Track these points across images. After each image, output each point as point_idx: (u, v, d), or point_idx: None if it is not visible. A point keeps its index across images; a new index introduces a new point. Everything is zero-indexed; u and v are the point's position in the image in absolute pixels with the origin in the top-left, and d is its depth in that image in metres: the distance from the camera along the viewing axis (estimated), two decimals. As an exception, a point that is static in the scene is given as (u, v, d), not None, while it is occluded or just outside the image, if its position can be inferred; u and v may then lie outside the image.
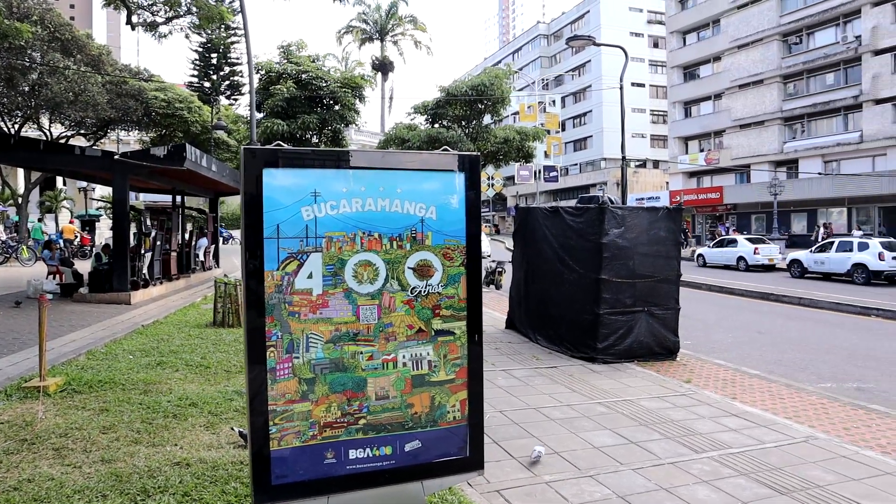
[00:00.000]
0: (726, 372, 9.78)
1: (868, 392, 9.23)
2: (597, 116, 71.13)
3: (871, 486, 5.46)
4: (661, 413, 7.40)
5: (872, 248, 23.60)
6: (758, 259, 28.73)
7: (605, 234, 9.71)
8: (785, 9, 45.29)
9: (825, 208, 42.47)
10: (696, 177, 53.74)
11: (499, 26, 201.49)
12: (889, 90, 38.83)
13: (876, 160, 39.98)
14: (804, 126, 44.71)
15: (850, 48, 40.71)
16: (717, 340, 13.05)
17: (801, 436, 6.74)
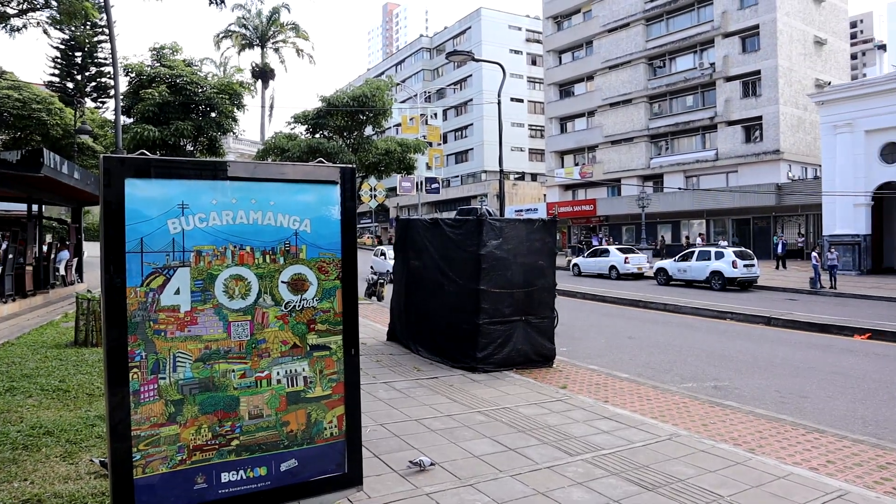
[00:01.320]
0: (599, 376, 10.24)
1: (723, 390, 9.97)
2: (477, 129, 72.84)
3: (724, 476, 5.90)
4: (539, 419, 7.63)
5: (727, 257, 25.61)
6: (628, 268, 30.37)
7: (483, 245, 9.91)
8: (650, 35, 48.48)
9: (687, 220, 45.72)
10: (571, 189, 56.24)
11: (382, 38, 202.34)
12: (739, 113, 42.50)
13: (729, 176, 43.53)
14: (668, 143, 47.95)
15: (705, 74, 44.17)
16: (590, 346, 13.65)
17: (666, 434, 7.17)
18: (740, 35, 42.78)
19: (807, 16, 43.46)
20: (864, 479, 5.98)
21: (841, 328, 15.97)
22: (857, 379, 10.86)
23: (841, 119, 30.84)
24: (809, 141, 42.18)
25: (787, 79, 41.30)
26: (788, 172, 40.92)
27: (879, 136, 29.99)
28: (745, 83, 42.71)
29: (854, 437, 7.36)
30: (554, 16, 57.47)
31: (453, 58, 18.16)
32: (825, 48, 44.93)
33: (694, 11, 45.70)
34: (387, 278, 20.80)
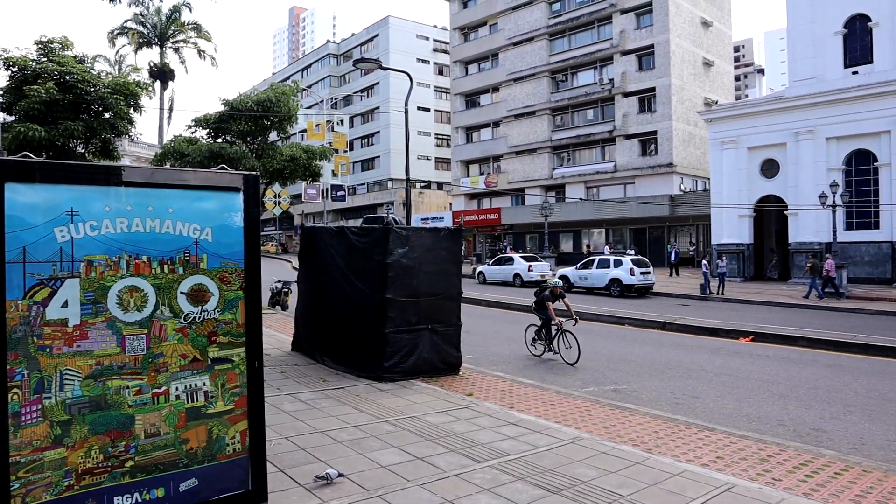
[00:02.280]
0: (505, 383, 10.40)
1: (623, 393, 10.38)
2: (384, 137, 72.74)
3: (625, 476, 6.15)
4: (446, 427, 7.66)
5: (625, 264, 26.69)
6: (532, 275, 31.06)
7: (389, 253, 9.88)
8: (553, 49, 50.07)
9: (588, 229, 47.37)
10: (477, 198, 57.11)
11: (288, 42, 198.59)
12: (636, 127, 44.55)
13: (627, 187, 45.51)
14: (570, 155, 49.59)
15: (605, 89, 46.04)
16: (496, 353, 13.86)
17: (569, 437, 7.37)
18: (637, 53, 44.94)
19: (696, 39, 46.16)
20: (748, 472, 6.40)
21: (728, 331, 16.97)
22: (743, 379, 11.57)
23: (727, 136, 32.90)
24: (699, 155, 44.76)
25: (679, 96, 43.68)
26: (681, 185, 43.24)
27: (760, 152, 32.20)
28: (641, 99, 44.84)
29: (740, 434, 7.84)
30: (461, 27, 58.37)
31: (361, 65, 18.09)
32: (712, 69, 47.87)
33: (594, 29, 47.58)
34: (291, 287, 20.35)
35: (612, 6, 45.73)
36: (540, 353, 13.14)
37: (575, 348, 12.38)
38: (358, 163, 76.05)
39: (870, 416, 9.24)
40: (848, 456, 7.23)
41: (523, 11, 51.66)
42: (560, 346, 12.68)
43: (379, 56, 67.07)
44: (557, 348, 12.71)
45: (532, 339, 13.38)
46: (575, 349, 12.37)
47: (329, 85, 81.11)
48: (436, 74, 74.75)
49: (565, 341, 12.61)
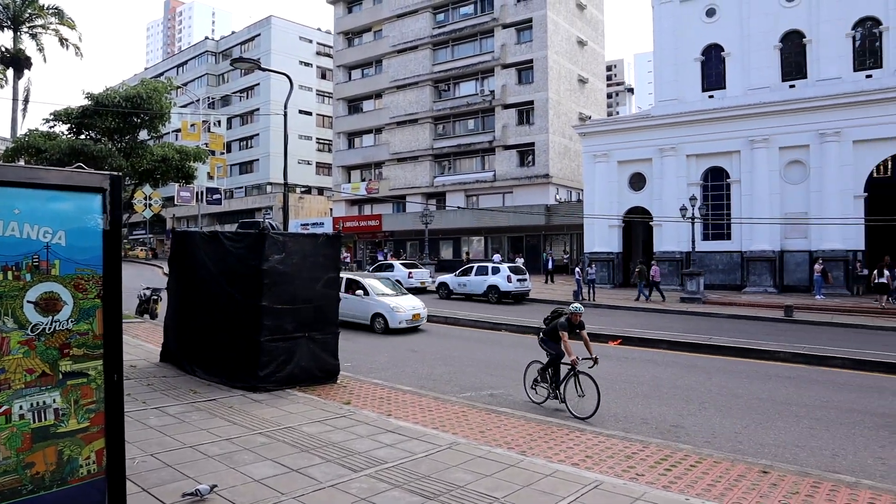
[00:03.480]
0: (383, 390, 10.36)
1: (499, 397, 10.63)
2: (264, 140, 70.73)
3: (499, 478, 6.29)
4: (322, 437, 7.52)
5: (503, 272, 27.41)
6: (412, 282, 31.16)
7: (265, 260, 9.59)
8: (437, 59, 50.76)
9: (468, 237, 48.26)
10: (358, 205, 56.74)
11: (164, 36, 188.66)
12: (514, 139, 46.01)
13: (505, 196, 46.84)
14: (451, 163, 50.39)
15: (486, 100, 47.22)
16: (375, 361, 13.79)
17: (446, 443, 7.44)
18: (517, 67, 46.45)
19: (572, 56, 48.37)
20: (614, 469, 6.75)
21: (598, 335, 17.78)
22: (611, 381, 12.15)
23: (599, 150, 34.66)
24: (574, 167, 46.84)
25: (556, 110, 45.53)
26: (556, 195, 45.03)
27: (629, 166, 34.17)
28: (520, 111, 46.35)
29: (608, 433, 8.25)
30: (345, 32, 57.89)
31: (239, 64, 17.47)
32: (587, 86, 50.33)
33: (477, 41, 48.70)
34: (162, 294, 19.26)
35: (494, 20, 47.01)
36: (542, 399, 10.11)
37: (592, 397, 9.35)
38: (236, 165, 73.49)
39: (721, 411, 10.00)
40: (702, 449, 7.80)
41: (408, 20, 52.04)
42: (570, 392, 9.60)
43: (260, 56, 65.24)
44: (564, 395, 9.66)
45: (533, 381, 10.26)
46: (592, 398, 9.34)
47: (206, 84, 77.88)
48: (319, 78, 73.64)
49: (578, 387, 9.49)
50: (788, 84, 30.53)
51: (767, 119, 30.06)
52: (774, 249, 30.05)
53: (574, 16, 49.04)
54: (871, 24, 29.10)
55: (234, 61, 16.08)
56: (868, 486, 6.48)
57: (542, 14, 45.08)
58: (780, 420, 9.57)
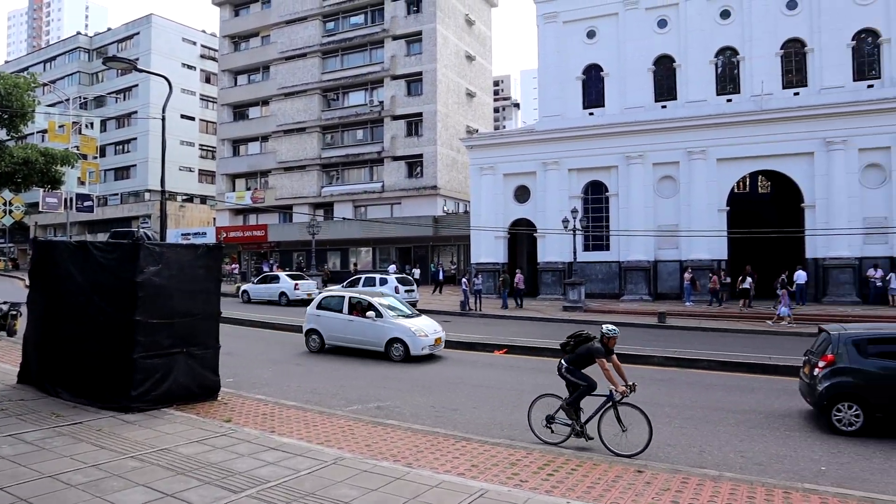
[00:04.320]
0: (266, 406, 10.04)
1: (386, 409, 10.57)
2: (142, 145, 67.08)
3: (386, 492, 6.24)
4: (201, 457, 7.17)
5: (390, 283, 27.41)
6: (298, 294, 30.56)
7: (140, 271, 9.05)
8: (326, 67, 50.22)
9: (356, 248, 47.92)
10: (243, 214, 54.97)
11: (28, 27, 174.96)
12: (403, 150, 46.29)
13: (394, 207, 46.95)
14: (339, 173, 49.91)
15: (375, 111, 47.23)
16: (259, 375, 13.36)
17: (331, 458, 7.30)
18: (406, 79, 46.81)
19: (461, 70, 49.31)
20: (499, 477, 6.88)
21: (485, 345, 18.15)
22: (497, 389, 12.41)
23: (485, 162, 35.45)
24: (461, 179, 47.65)
25: (444, 123, 46.20)
26: (444, 206, 45.62)
27: (514, 179, 35.17)
28: (409, 123, 46.68)
29: (493, 441, 8.41)
30: (232, 35, 56.10)
31: (113, 64, 16.48)
32: (475, 100, 51.46)
33: (367, 51, 48.64)
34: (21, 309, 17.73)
35: (384, 31, 47.16)
36: (561, 438, 8.57)
37: (639, 430, 8.12)
38: (111, 171, 69.23)
39: (604, 417, 10.41)
40: (582, 453, 8.09)
41: (297, 27, 51.19)
42: (607, 426, 8.33)
43: (139, 56, 61.99)
44: (600, 430, 8.34)
45: (547, 419, 8.72)
46: (639, 431, 8.11)
47: (78, 82, 72.89)
48: (203, 82, 70.84)
49: (619, 420, 8.24)
50: (661, 105, 32.57)
51: (642, 137, 31.91)
52: (649, 259, 31.85)
53: (463, 31, 50.06)
54: (731, 53, 31.60)
55: (108, 60, 15.12)
56: (729, 479, 7.02)
57: (432, 27, 45.70)
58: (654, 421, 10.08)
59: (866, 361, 9.74)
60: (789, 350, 15.94)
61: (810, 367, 10.31)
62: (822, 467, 8.02)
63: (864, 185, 28.82)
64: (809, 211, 29.56)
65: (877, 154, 28.70)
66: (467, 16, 50.55)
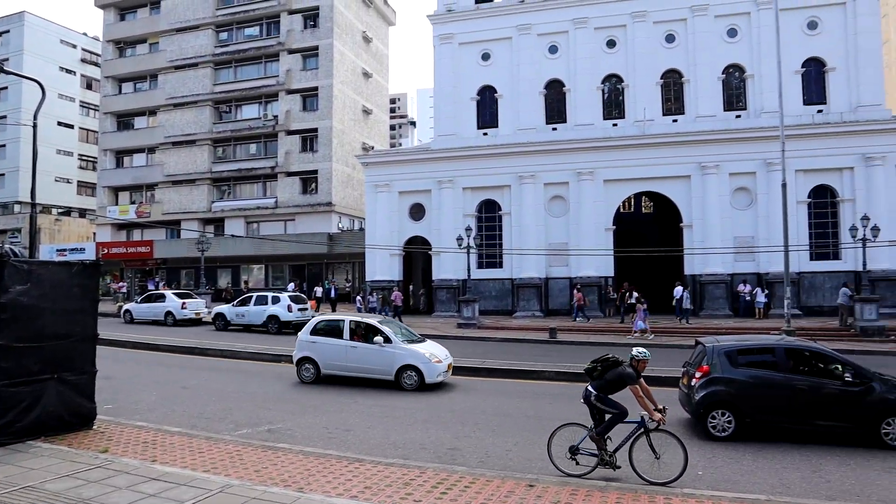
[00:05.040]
0: (148, 433, 9.50)
1: (277, 432, 10.26)
2: (12, 153, 62.13)
3: (274, 524, 6.01)
4: (71, 493, 6.68)
5: (283, 301, 26.79)
6: (185, 313, 29.26)
7: (5, 291, 8.36)
8: (219, 79, 48.62)
9: (248, 265, 46.45)
10: (126, 229, 52.00)
11: None
12: (298, 166, 45.49)
13: (288, 224, 45.97)
14: (231, 188, 48.35)
15: (269, 125, 46.18)
16: (141, 401, 12.64)
17: (218, 486, 7.00)
18: (302, 94, 46.13)
19: (357, 87, 49.18)
20: (392, 498, 6.83)
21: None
22: (392, 408, 12.33)
23: (381, 180, 35.43)
24: (357, 196, 47.36)
25: (340, 139, 45.83)
26: (339, 223, 45.13)
27: (409, 197, 35.34)
28: (304, 138, 45.97)
29: (387, 461, 8.34)
30: (117, 40, 53.19)
31: (-23, 66, 15.28)
32: (371, 117, 51.42)
33: (262, 64, 47.56)
34: None
35: (279, 44, 46.33)
36: (587, 469, 8.06)
37: (673, 456, 7.82)
38: (-26, 180, 63.73)
39: (494, 431, 10.59)
40: (476, 469, 8.18)
41: (188, 35, 49.31)
42: (639, 454, 7.94)
43: (9, 56, 57.77)
44: (632, 459, 7.92)
45: (571, 450, 8.17)
46: (674, 458, 7.80)
47: (-66, 83, 66.83)
48: (83, 88, 66.70)
49: (651, 447, 7.89)
50: (552, 127, 33.84)
51: (534, 157, 32.96)
52: (541, 277, 32.81)
53: (360, 48, 50.00)
54: (616, 80, 33.39)
55: (-29, 63, 13.99)
56: (615, 489, 7.30)
57: (329, 43, 45.38)
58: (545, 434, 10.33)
59: (737, 371, 10.46)
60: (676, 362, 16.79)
61: (688, 378, 10.94)
62: (699, 472, 8.50)
63: (734, 206, 31.10)
64: (687, 230, 31.51)
65: (745, 178, 31.09)
66: (364, 33, 50.58)
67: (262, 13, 47.64)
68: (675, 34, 32.68)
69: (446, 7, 35.55)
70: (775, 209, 28.33)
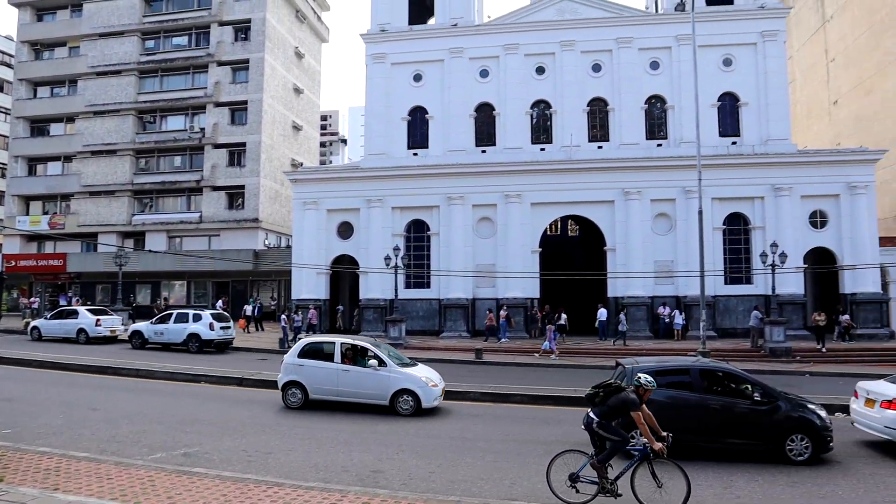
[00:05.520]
0: (51, 460, 8.98)
1: (193, 456, 9.90)
2: (-89, 157, 58.50)
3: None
4: (-38, 524, 6.25)
5: (205, 319, 25.98)
6: (99, 331, 27.94)
7: None
8: (143, 88, 47.07)
9: (168, 281, 44.88)
10: (38, 241, 49.33)
11: None
12: (224, 180, 44.41)
13: (212, 239, 44.71)
14: (153, 201, 46.70)
15: (195, 137, 44.96)
16: (45, 424, 11.94)
17: (125, 516, 6.68)
18: (230, 107, 45.19)
19: (288, 102, 48.60)
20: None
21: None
22: (312, 429, 12.11)
23: (309, 197, 34.99)
24: (284, 213, 46.61)
25: (268, 155, 45.09)
26: (265, 240, 44.28)
27: (338, 215, 35.04)
28: (231, 152, 44.95)
29: (307, 485, 8.17)
30: (33, 42, 50.69)
31: None
32: (301, 133, 50.86)
33: (190, 75, 46.39)
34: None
35: (209, 56, 45.34)
36: (588, 498, 7.98)
37: (676, 485, 7.74)
38: None
39: (417, 453, 10.54)
40: (399, 492, 8.12)
41: (112, 41, 47.55)
42: (641, 482, 7.91)
43: None
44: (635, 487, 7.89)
45: (571, 477, 8.06)
46: (676, 486, 7.73)
47: None
48: (-8, 91, 63.41)
49: (654, 476, 7.81)
50: (481, 149, 34.33)
51: (463, 179, 33.33)
52: (468, 297, 33.04)
53: (292, 63, 49.50)
54: (545, 106, 34.26)
55: None
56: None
57: (260, 57, 44.75)
58: (469, 456, 10.39)
59: (655, 392, 10.76)
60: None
61: (608, 400, 11.20)
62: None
63: (655, 231, 32.28)
64: (611, 253, 32.46)
65: (665, 205, 32.36)
66: (297, 49, 50.14)
67: (192, 23, 46.58)
68: (601, 64, 33.84)
69: (380, 27, 35.71)
70: (693, 235, 29.49)
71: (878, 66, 38.06)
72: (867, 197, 31.33)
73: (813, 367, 23.28)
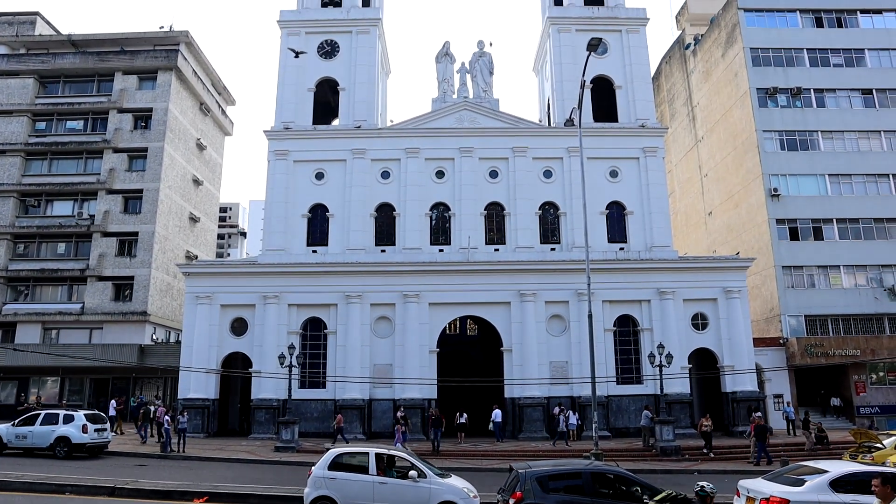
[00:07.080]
0: None
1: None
2: None
3: None
4: None
5: (77, 420, 23.90)
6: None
7: None
8: (29, 169, 44.93)
9: (40, 377, 41.36)
10: None
11: None
12: (112, 270, 42.35)
13: (94, 332, 42.00)
14: (29, 289, 43.68)
15: (83, 224, 42.97)
16: None
17: None
18: (124, 195, 43.76)
19: (186, 193, 47.67)
20: None
21: (183, 493, 16.46)
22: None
23: (203, 291, 33.75)
24: (175, 306, 44.69)
25: (162, 245, 43.60)
26: (153, 335, 42.08)
27: (232, 311, 33.87)
28: (122, 241, 43.15)
29: None
30: None
31: None
32: (198, 225, 49.71)
33: (83, 160, 44.79)
34: None
35: (105, 142, 44.17)
36: None
37: None
38: None
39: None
40: None
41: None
42: None
43: None
44: None
45: None
46: None
47: None
48: None
49: None
50: (381, 249, 34.62)
51: (362, 278, 33.33)
52: (364, 398, 32.29)
53: (193, 154, 48.97)
54: (444, 208, 35.27)
55: None
56: None
57: (160, 146, 44.04)
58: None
59: (548, 497, 10.78)
60: (491, 487, 16.89)
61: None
62: None
63: (549, 332, 33.16)
64: (507, 354, 32.93)
65: (559, 307, 33.46)
66: (199, 140, 49.77)
67: (89, 108, 45.57)
68: (498, 170, 35.46)
69: (284, 124, 36.15)
70: (586, 336, 30.49)
71: (742, 183, 42.02)
72: (741, 301, 33.67)
73: (701, 465, 24.40)
